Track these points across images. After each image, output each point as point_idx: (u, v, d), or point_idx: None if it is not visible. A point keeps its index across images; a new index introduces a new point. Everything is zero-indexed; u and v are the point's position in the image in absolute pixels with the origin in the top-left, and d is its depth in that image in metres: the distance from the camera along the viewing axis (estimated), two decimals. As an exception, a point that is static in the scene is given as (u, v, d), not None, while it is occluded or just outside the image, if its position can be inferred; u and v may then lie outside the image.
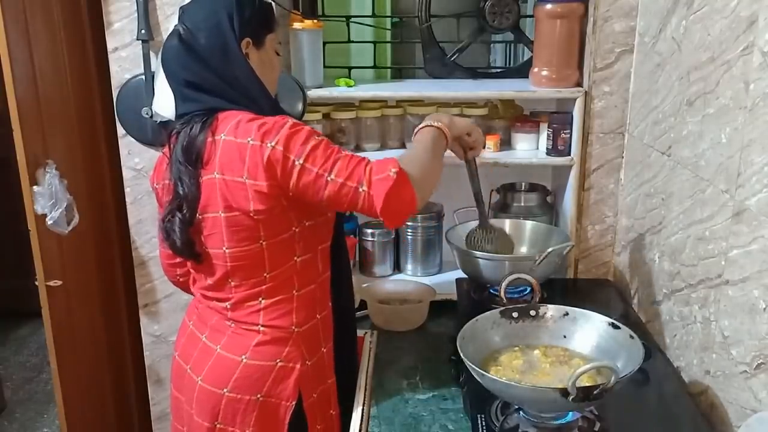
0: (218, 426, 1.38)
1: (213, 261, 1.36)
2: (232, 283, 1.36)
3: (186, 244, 1.35)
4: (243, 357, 1.35)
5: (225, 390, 1.36)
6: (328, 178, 1.24)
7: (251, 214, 1.28)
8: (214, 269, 1.37)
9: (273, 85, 1.43)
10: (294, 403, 1.36)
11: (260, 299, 1.36)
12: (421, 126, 1.43)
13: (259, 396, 1.35)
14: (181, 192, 1.32)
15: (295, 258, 1.36)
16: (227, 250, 1.33)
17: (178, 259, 1.47)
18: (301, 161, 1.24)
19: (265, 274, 1.34)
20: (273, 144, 1.24)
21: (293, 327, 1.37)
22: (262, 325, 1.36)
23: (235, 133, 1.27)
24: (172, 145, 1.34)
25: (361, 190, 1.23)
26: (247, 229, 1.30)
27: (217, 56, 1.31)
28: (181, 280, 1.55)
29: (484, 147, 1.61)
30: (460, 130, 1.48)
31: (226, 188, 1.28)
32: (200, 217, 1.33)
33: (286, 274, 1.35)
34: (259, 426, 1.36)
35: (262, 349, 1.36)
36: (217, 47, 1.31)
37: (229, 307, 1.38)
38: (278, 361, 1.36)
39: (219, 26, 1.31)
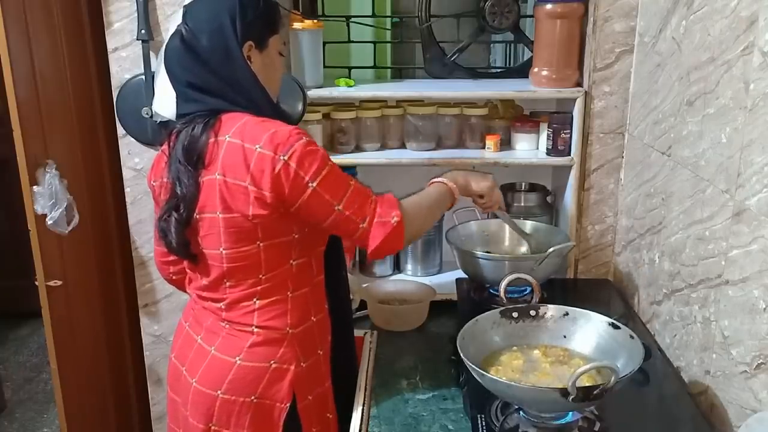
0: (213, 428, 1.37)
1: (209, 261, 1.36)
2: (228, 284, 1.36)
3: (181, 244, 1.34)
4: (237, 358, 1.35)
5: (219, 392, 1.35)
6: (337, 208, 1.28)
7: (249, 218, 1.28)
8: (210, 270, 1.36)
9: (275, 87, 1.42)
10: (288, 404, 1.36)
11: (255, 300, 1.35)
12: (437, 178, 1.50)
13: (253, 397, 1.35)
14: (179, 192, 1.31)
15: (291, 262, 1.35)
16: (224, 251, 1.32)
17: (171, 257, 1.46)
18: (314, 184, 1.26)
19: (260, 276, 1.34)
20: (285, 158, 1.24)
21: (288, 328, 1.36)
22: (256, 326, 1.35)
23: (241, 137, 1.26)
24: (171, 144, 1.34)
25: (361, 226, 1.30)
26: (245, 231, 1.30)
27: (219, 59, 1.30)
28: (174, 278, 1.55)
29: (498, 207, 1.66)
30: (472, 192, 1.56)
31: (227, 190, 1.27)
32: (197, 217, 1.32)
33: (281, 276, 1.35)
34: (253, 428, 1.36)
35: (257, 350, 1.35)
36: (219, 50, 1.30)
37: (223, 307, 1.37)
38: (272, 362, 1.35)
39: (221, 29, 1.29)
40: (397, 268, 2.22)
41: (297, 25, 1.95)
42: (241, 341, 1.36)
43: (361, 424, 1.40)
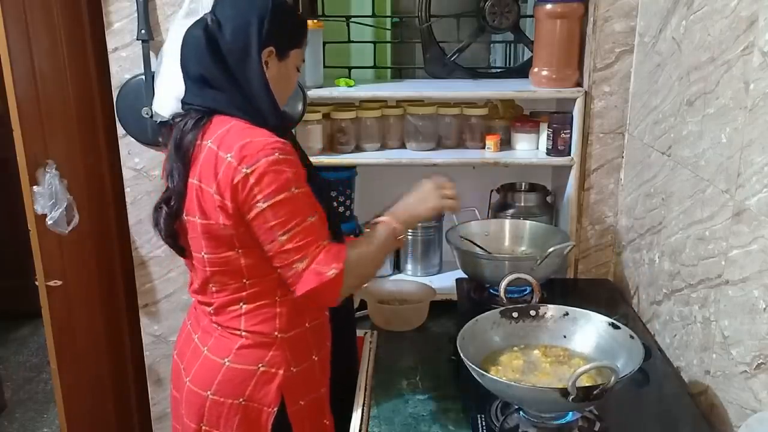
0: (204, 428, 1.38)
1: (195, 264, 1.36)
2: (213, 288, 1.36)
3: (170, 236, 1.35)
4: (226, 360, 1.35)
5: (209, 392, 1.35)
6: (279, 237, 1.23)
7: (222, 227, 1.27)
8: (197, 273, 1.37)
9: (284, 99, 1.40)
10: (276, 409, 1.35)
11: (241, 304, 1.35)
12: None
13: (241, 400, 1.35)
14: (170, 185, 1.32)
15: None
16: (206, 256, 1.32)
17: None
18: (264, 205, 1.22)
19: (244, 281, 1.33)
20: (247, 171, 1.21)
21: (276, 333, 1.35)
22: (244, 330, 1.35)
23: (219, 143, 1.25)
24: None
25: (296, 265, 1.24)
26: (222, 237, 1.29)
27: (236, 56, 1.28)
28: None
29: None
30: (421, 219, 1.48)
31: (202, 196, 1.27)
32: (185, 218, 1.33)
33: (268, 282, 1.34)
34: (241, 430, 1.36)
35: (245, 352, 1.35)
36: (239, 46, 1.28)
37: (212, 311, 1.38)
38: (261, 365, 1.35)
39: (247, 27, 1.28)
40: (397, 268, 2.22)
41: (297, 25, 1.95)
42: (230, 343, 1.36)
43: (361, 424, 1.40)
